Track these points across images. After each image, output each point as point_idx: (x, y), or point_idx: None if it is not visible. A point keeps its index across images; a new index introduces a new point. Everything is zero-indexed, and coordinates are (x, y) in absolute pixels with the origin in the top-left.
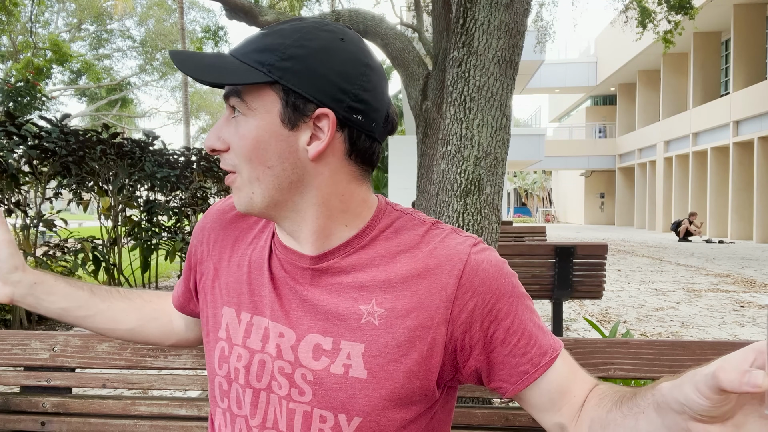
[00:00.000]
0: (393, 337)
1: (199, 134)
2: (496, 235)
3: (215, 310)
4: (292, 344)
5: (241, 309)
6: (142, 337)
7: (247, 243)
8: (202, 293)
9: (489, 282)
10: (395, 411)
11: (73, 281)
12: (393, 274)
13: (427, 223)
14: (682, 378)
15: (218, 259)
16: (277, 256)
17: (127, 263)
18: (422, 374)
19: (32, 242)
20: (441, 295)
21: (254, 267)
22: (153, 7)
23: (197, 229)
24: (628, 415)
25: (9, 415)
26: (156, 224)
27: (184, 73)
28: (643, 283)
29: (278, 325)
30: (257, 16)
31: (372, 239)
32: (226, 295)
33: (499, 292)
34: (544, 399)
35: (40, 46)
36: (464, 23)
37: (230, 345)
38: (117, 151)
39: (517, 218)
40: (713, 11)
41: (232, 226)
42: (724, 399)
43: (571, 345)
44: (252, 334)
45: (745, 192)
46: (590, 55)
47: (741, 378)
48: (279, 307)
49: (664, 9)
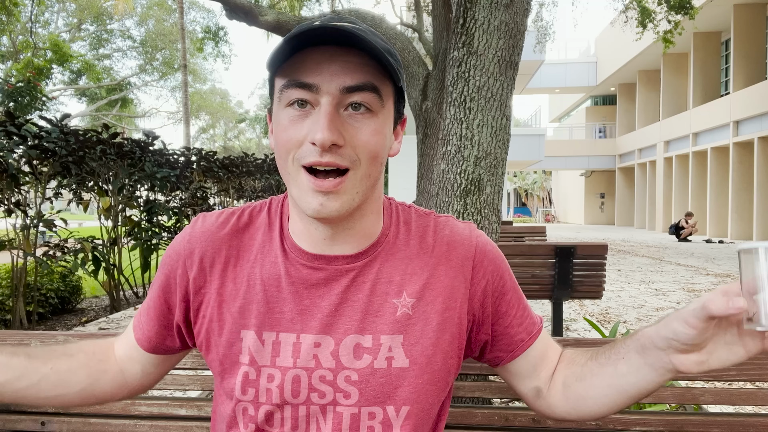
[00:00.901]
0: (427, 323)
1: (199, 134)
2: (496, 235)
3: (231, 336)
4: (332, 350)
5: (262, 329)
6: (94, 397)
7: (251, 261)
8: (202, 323)
9: (494, 261)
10: (435, 393)
11: (3, 348)
12: (415, 264)
13: (428, 213)
14: (665, 320)
15: (220, 283)
16: (301, 266)
17: (127, 263)
18: (454, 352)
19: (32, 242)
20: (460, 277)
21: (269, 284)
22: (153, 7)
23: (178, 255)
24: (606, 363)
25: (9, 415)
26: (156, 224)
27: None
28: (643, 283)
29: (310, 336)
30: (257, 16)
31: (393, 234)
32: (240, 318)
33: (501, 269)
34: (529, 366)
35: (40, 46)
36: (464, 23)
37: (257, 368)
38: (117, 151)
39: (517, 218)
40: (713, 11)
41: (227, 246)
42: (707, 327)
43: (571, 345)
44: (281, 352)
45: (745, 192)
46: (590, 55)
47: (727, 303)
48: (309, 318)
49: (664, 9)
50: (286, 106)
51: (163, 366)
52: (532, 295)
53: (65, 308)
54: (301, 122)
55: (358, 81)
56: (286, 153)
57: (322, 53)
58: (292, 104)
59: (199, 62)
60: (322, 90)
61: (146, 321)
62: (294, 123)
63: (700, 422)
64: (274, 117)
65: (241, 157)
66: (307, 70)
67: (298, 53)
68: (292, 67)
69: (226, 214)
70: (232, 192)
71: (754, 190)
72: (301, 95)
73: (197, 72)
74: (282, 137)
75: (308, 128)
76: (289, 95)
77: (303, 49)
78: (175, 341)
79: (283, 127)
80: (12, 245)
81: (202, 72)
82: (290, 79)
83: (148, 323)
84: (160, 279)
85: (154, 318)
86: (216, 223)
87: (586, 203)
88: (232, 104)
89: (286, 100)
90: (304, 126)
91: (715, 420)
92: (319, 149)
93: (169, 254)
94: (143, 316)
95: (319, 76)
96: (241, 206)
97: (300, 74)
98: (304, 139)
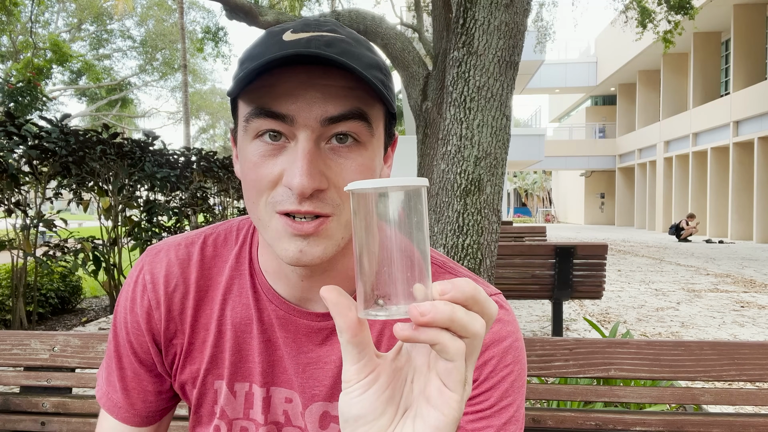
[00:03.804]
0: None
1: (199, 134)
2: (496, 235)
3: (204, 387)
4: (300, 411)
5: (234, 380)
6: None
7: (218, 303)
8: (180, 373)
9: (501, 355)
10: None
11: None
12: None
13: (440, 265)
14: None
15: (192, 330)
16: (277, 315)
17: (127, 263)
18: None
19: (32, 242)
20: None
21: (240, 330)
22: (153, 7)
23: (144, 303)
24: None
25: (9, 415)
26: (156, 224)
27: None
28: (643, 283)
29: (282, 389)
30: (257, 16)
31: None
32: (212, 367)
33: (505, 367)
34: None
35: (40, 46)
36: (464, 23)
37: (228, 421)
38: (117, 151)
39: (517, 218)
40: (713, 11)
41: (195, 287)
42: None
43: (571, 345)
44: (254, 405)
45: (745, 192)
46: (590, 55)
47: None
48: (281, 371)
49: (664, 9)
50: (254, 138)
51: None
52: (532, 295)
53: (65, 308)
54: (274, 158)
55: (342, 109)
56: (257, 195)
57: (296, 75)
58: (261, 136)
59: (199, 62)
60: (299, 122)
61: (130, 386)
62: (265, 159)
63: (700, 422)
64: (241, 148)
65: None
66: (279, 97)
67: (266, 74)
68: (259, 91)
69: (185, 245)
70: (232, 192)
71: (754, 190)
72: (273, 126)
73: (197, 72)
74: (251, 176)
75: (282, 166)
76: (258, 126)
77: (272, 70)
78: (168, 399)
79: (251, 164)
80: (12, 245)
81: (202, 72)
82: (257, 106)
83: (134, 387)
84: (126, 329)
85: (146, 379)
86: (177, 258)
87: (586, 203)
88: None
89: (254, 131)
90: (278, 163)
91: (715, 420)
92: (297, 196)
93: (133, 298)
94: (119, 392)
95: (294, 104)
96: (199, 232)
97: (270, 101)
98: (278, 180)
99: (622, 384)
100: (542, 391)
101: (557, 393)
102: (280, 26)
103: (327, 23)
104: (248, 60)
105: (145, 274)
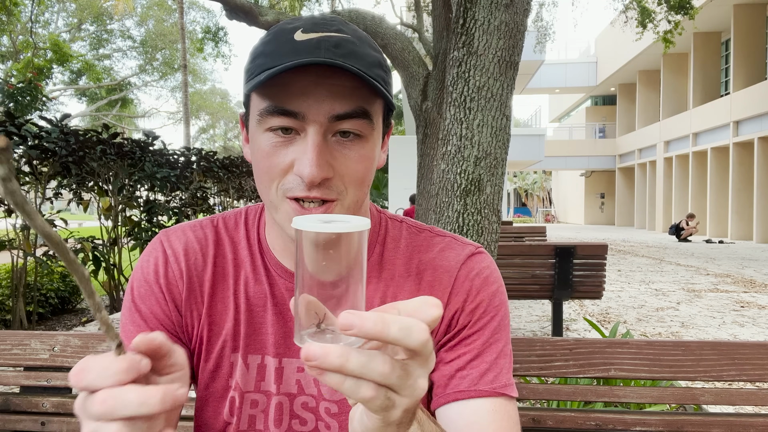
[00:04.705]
0: None
1: (199, 134)
2: (496, 235)
3: (220, 360)
4: (313, 378)
5: (248, 353)
6: None
7: (232, 279)
8: (198, 344)
9: (485, 286)
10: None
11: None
12: (397, 285)
13: (421, 230)
14: None
15: (210, 305)
16: (287, 288)
17: (127, 263)
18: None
19: (32, 242)
20: (438, 297)
21: (254, 304)
22: (153, 7)
23: (169, 273)
24: None
25: (9, 415)
26: (156, 224)
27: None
28: (643, 283)
29: (294, 360)
30: (257, 16)
31: (377, 253)
32: (229, 339)
33: (490, 296)
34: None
35: (41, 46)
36: (464, 23)
37: (240, 393)
38: (117, 151)
39: (517, 218)
40: (713, 11)
41: (212, 263)
42: None
43: (571, 345)
44: (266, 377)
45: (745, 192)
46: (590, 55)
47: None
48: (293, 342)
49: (664, 9)
50: (266, 130)
51: None
52: (532, 295)
53: (65, 308)
54: (285, 149)
55: (348, 108)
56: (269, 181)
57: (307, 75)
58: (274, 130)
59: (199, 62)
60: (309, 118)
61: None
62: (277, 149)
63: (700, 422)
64: (252, 137)
65: (241, 157)
66: (292, 96)
67: (280, 75)
68: (273, 89)
69: (199, 227)
70: (232, 192)
71: (754, 190)
72: (285, 123)
73: (197, 72)
74: (264, 164)
75: (293, 156)
76: (271, 122)
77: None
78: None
79: (264, 153)
80: (12, 245)
81: (202, 72)
82: (272, 104)
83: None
84: (147, 312)
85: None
86: (195, 237)
87: (586, 203)
88: (232, 104)
89: (267, 125)
90: (288, 153)
91: (715, 420)
92: (306, 184)
93: (149, 282)
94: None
95: (305, 102)
96: (208, 218)
97: (284, 100)
98: (288, 168)
99: (622, 384)
100: (542, 391)
101: (557, 393)
102: (291, 23)
103: (334, 22)
104: (261, 56)
105: (167, 248)
